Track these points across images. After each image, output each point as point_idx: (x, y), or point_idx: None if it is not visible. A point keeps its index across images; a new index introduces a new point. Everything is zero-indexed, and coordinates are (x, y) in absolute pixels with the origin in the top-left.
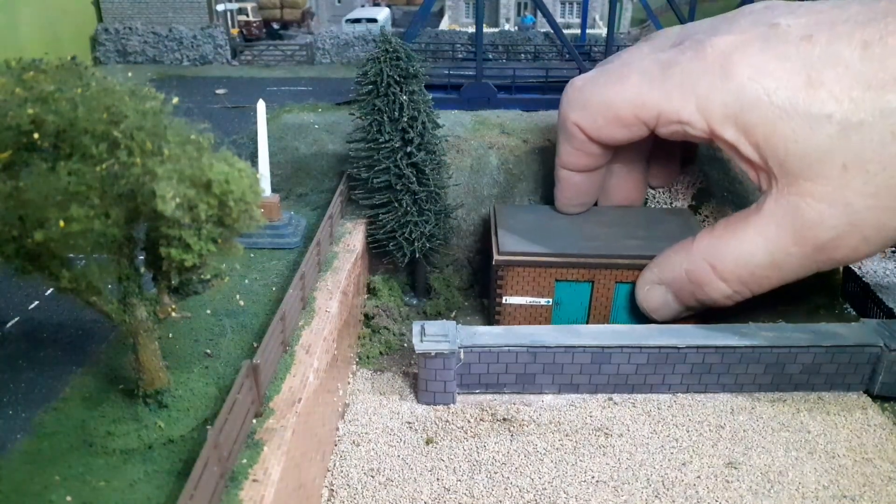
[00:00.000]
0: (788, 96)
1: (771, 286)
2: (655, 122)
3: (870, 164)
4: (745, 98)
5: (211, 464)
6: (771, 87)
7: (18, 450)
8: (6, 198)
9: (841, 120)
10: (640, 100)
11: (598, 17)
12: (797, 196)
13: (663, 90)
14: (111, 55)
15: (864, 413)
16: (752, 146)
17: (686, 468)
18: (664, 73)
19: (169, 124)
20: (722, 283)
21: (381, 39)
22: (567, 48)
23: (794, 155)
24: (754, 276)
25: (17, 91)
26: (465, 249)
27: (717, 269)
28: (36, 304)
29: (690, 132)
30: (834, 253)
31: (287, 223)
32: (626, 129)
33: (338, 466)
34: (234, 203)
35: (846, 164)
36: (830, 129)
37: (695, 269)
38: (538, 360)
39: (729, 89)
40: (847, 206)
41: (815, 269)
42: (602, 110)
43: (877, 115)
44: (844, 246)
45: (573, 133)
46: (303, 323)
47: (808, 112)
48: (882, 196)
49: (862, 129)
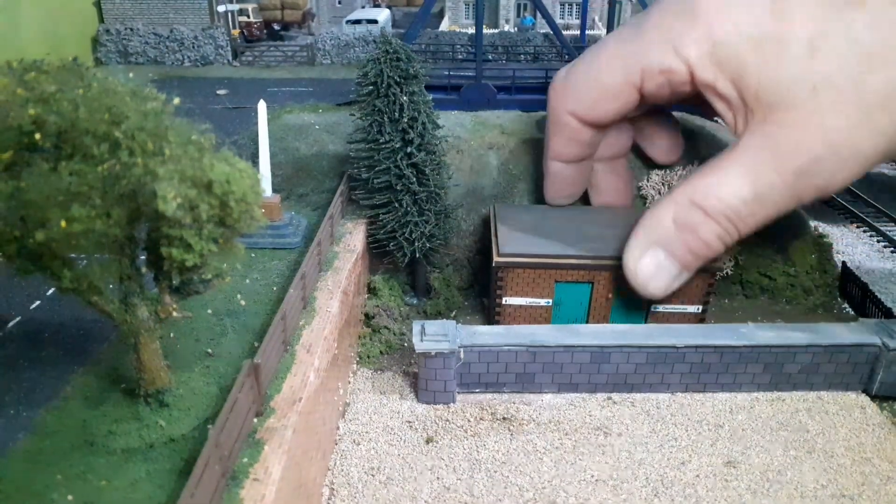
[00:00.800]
0: (755, 25)
1: (757, 223)
2: (641, 79)
3: (838, 84)
4: (715, 34)
5: (212, 463)
6: (737, 18)
7: (20, 449)
8: (8, 198)
9: (807, 42)
10: (620, 62)
11: (597, 18)
12: (774, 125)
13: (641, 45)
14: (112, 56)
15: (863, 412)
16: (729, 81)
17: (685, 467)
18: (638, 29)
19: (170, 125)
20: (712, 222)
21: (381, 40)
22: (566, 49)
23: (766, 82)
24: (740, 213)
25: (18, 92)
26: (465, 249)
27: (703, 206)
28: (37, 303)
29: (674, 80)
30: (814, 179)
31: (288, 223)
32: (617, 98)
33: (338, 465)
34: (235, 203)
35: (816, 85)
36: (798, 52)
37: (682, 215)
38: (538, 359)
39: (699, 28)
40: (821, 128)
41: (798, 201)
42: (590, 86)
43: (840, 34)
44: (824, 170)
45: (566, 122)
46: (303, 322)
47: (776, 38)
48: (853, 115)
49: (828, 50)
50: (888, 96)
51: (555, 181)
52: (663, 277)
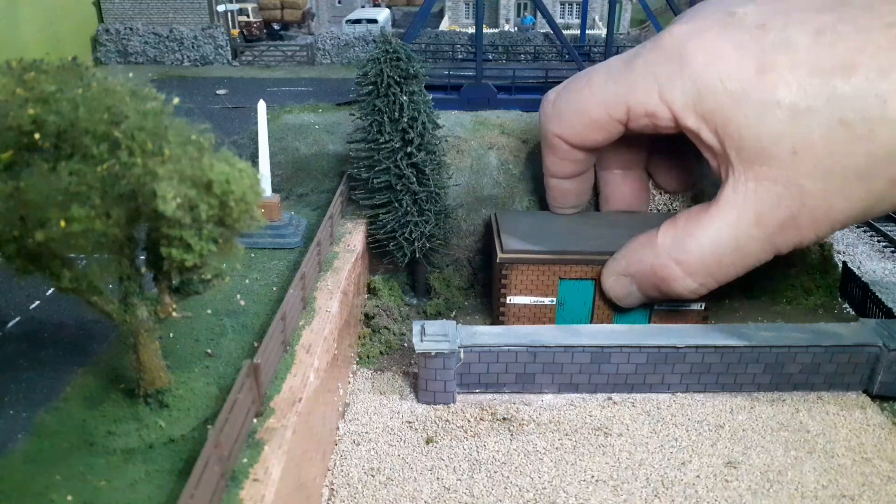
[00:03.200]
0: (741, 82)
1: (736, 274)
2: (626, 116)
3: (817, 150)
4: (701, 84)
5: (212, 463)
6: (724, 73)
7: (20, 449)
8: (7, 198)
9: (790, 105)
10: (607, 97)
11: (597, 17)
12: (754, 181)
13: (628, 83)
14: (112, 56)
15: (863, 413)
16: (712, 132)
17: (685, 467)
18: (627, 66)
19: (170, 125)
20: (688, 279)
21: (381, 40)
22: (567, 49)
23: (748, 139)
24: (720, 265)
25: (18, 91)
26: (465, 249)
27: (683, 263)
28: (37, 303)
29: (659, 124)
30: (789, 235)
31: (287, 223)
32: (603, 130)
33: (338, 466)
34: (234, 203)
35: (795, 148)
36: (781, 115)
37: (660, 266)
38: (538, 359)
39: (686, 76)
40: (798, 188)
41: (774, 253)
42: (576, 116)
43: (824, 101)
44: (799, 226)
45: (555, 144)
46: (303, 323)
47: (760, 98)
48: (829, 180)
49: (810, 115)
50: (866, 167)
51: (555, 194)
52: (632, 301)
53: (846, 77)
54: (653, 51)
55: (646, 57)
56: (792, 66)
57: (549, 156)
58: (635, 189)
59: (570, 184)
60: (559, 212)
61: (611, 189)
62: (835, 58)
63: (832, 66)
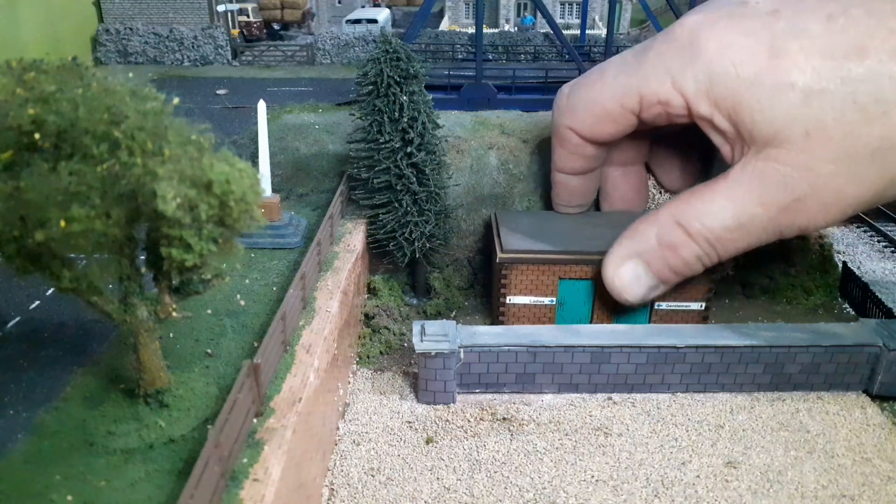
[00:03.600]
0: (753, 67)
1: (737, 250)
2: (639, 107)
3: (830, 131)
4: (714, 72)
5: (212, 463)
6: (737, 59)
7: (20, 449)
8: (7, 198)
9: (804, 88)
10: (620, 89)
11: (597, 17)
12: (764, 161)
13: (640, 74)
14: (112, 56)
15: (864, 413)
16: (725, 118)
17: (685, 467)
18: (639, 58)
19: (170, 125)
20: (692, 243)
21: (381, 40)
22: (567, 49)
23: (761, 123)
24: (721, 239)
25: (18, 91)
26: (465, 249)
27: (687, 228)
28: (37, 303)
29: (672, 112)
30: (796, 217)
31: (287, 223)
32: (615, 122)
33: (338, 466)
34: (234, 203)
35: (808, 130)
36: (794, 97)
37: (665, 233)
38: (538, 359)
39: (698, 65)
40: (809, 171)
41: (778, 235)
42: (590, 109)
43: (837, 84)
44: (806, 210)
45: (567, 138)
46: (303, 323)
47: (773, 82)
48: (841, 162)
49: (823, 97)
50: (879, 150)
51: (561, 191)
52: (640, 288)
53: (859, 60)
54: (665, 42)
55: (658, 48)
56: (804, 51)
57: (558, 149)
58: (635, 186)
59: (577, 181)
60: (563, 210)
61: (611, 185)
62: (847, 42)
63: (845, 49)
